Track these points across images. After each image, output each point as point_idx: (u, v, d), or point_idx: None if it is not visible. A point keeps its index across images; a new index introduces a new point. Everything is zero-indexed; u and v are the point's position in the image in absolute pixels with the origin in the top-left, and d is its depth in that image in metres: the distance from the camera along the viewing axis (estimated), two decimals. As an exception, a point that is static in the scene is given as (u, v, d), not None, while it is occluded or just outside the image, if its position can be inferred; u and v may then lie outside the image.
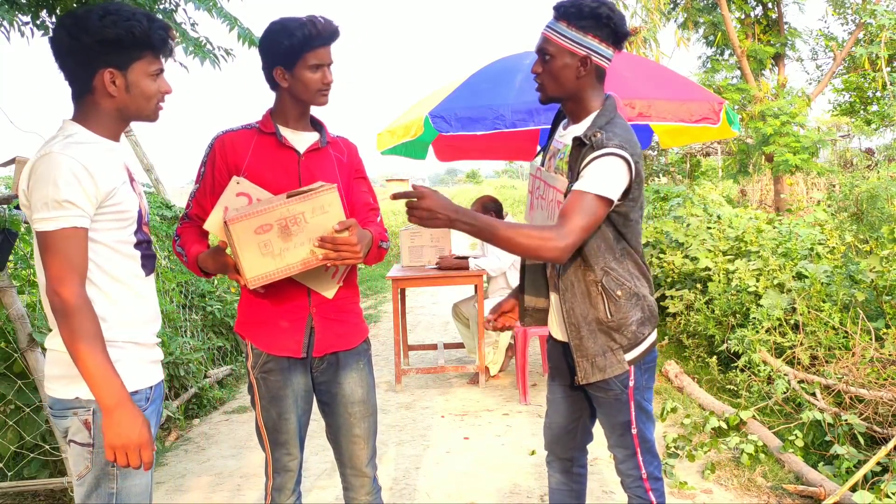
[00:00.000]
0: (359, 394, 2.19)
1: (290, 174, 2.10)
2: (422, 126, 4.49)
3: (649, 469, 2.09)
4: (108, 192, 1.65)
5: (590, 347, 1.99)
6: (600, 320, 1.98)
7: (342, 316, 2.18)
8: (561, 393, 2.21)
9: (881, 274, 4.16)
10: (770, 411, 3.96)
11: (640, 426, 2.06)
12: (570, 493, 2.30)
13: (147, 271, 1.80)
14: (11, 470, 3.40)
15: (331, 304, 2.14)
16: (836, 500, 2.88)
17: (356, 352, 2.21)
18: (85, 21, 1.65)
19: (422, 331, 7.31)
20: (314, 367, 2.18)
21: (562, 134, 2.11)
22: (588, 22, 1.92)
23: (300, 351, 2.12)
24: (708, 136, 5.40)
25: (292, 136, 2.12)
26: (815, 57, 13.27)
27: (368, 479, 2.24)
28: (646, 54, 11.03)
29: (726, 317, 4.97)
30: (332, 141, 2.21)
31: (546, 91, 2.02)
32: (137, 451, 1.62)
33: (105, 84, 1.68)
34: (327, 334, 2.14)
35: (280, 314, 2.12)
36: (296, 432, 2.17)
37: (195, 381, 4.87)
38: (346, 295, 2.18)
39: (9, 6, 3.08)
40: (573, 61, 1.95)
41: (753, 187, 14.17)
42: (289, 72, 2.03)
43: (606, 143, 1.89)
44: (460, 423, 4.44)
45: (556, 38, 1.96)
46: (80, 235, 1.61)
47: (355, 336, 2.21)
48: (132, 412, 1.62)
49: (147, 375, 1.77)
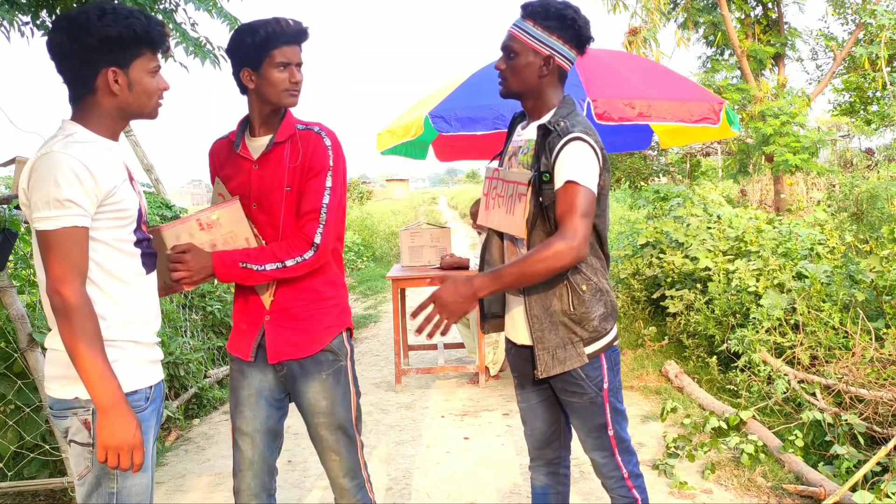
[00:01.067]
0: (322, 405, 2.13)
1: (245, 184, 2.09)
2: (422, 126, 4.49)
3: (629, 467, 2.10)
4: (108, 191, 1.65)
5: (550, 339, 1.99)
6: (564, 311, 1.98)
7: (296, 324, 2.12)
8: (535, 399, 2.20)
9: (881, 274, 4.16)
10: (770, 411, 3.96)
11: (616, 427, 2.07)
12: (557, 496, 2.29)
13: (148, 269, 1.80)
14: (11, 470, 3.40)
15: (285, 311, 2.11)
16: (836, 500, 2.88)
17: (316, 361, 2.13)
18: (84, 21, 1.64)
19: (422, 331, 7.31)
20: (278, 374, 2.16)
21: (520, 133, 2.15)
22: (553, 23, 1.97)
23: (248, 354, 2.13)
24: (708, 136, 5.39)
25: (251, 143, 2.10)
26: (815, 57, 13.28)
27: (346, 491, 2.18)
28: (646, 54, 11.04)
29: (726, 317, 4.97)
30: (292, 137, 2.08)
31: (508, 87, 2.07)
32: (130, 453, 1.63)
33: (108, 83, 1.68)
34: (278, 341, 2.11)
35: (241, 317, 2.18)
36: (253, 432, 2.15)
37: (195, 381, 4.87)
38: (301, 303, 2.12)
39: (9, 6, 3.08)
40: (536, 60, 2.00)
41: (753, 187, 14.18)
42: (255, 72, 2.01)
43: (571, 129, 1.93)
44: (460, 423, 4.44)
45: (522, 35, 2.00)
46: (81, 234, 1.61)
47: (311, 345, 2.13)
48: (127, 414, 1.62)
49: (147, 375, 1.77)
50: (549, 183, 1.94)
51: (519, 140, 2.14)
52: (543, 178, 1.94)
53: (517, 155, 2.11)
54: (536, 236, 1.97)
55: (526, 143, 2.08)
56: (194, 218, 2.03)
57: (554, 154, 1.92)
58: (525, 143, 2.08)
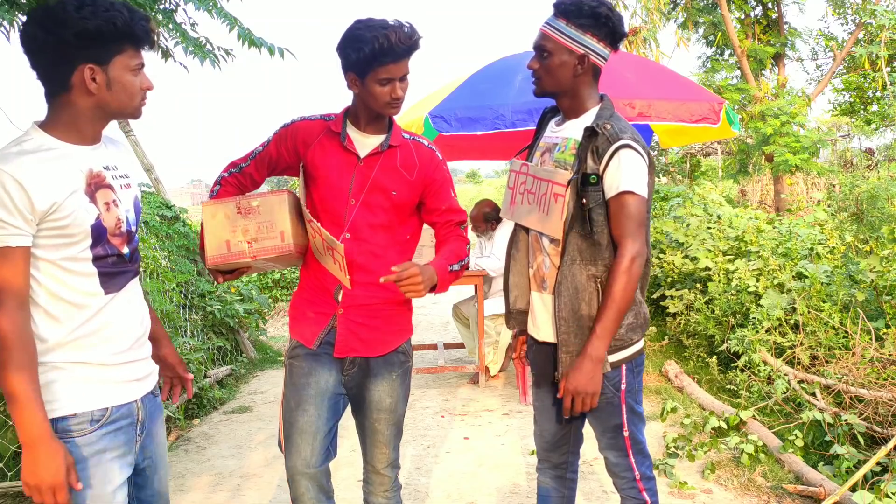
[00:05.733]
0: (386, 403, 2.17)
1: (344, 177, 2.08)
2: (422, 126, 4.49)
3: (642, 469, 2.09)
4: (47, 209, 1.50)
5: (574, 343, 1.98)
6: (590, 316, 1.96)
7: (373, 322, 2.13)
8: (550, 399, 2.18)
9: (881, 274, 4.16)
10: (770, 411, 3.96)
11: (632, 428, 2.06)
12: (561, 500, 2.28)
13: (110, 288, 1.63)
14: (11, 470, 3.40)
15: (362, 308, 2.11)
16: (836, 500, 2.88)
17: (387, 361, 2.16)
18: (60, 13, 1.50)
19: (422, 331, 7.31)
20: (344, 370, 2.15)
21: (554, 130, 2.11)
22: (587, 21, 1.95)
23: (312, 342, 2.12)
24: (708, 136, 5.40)
25: (359, 139, 2.10)
26: (815, 57, 13.28)
27: (388, 478, 2.25)
28: (646, 54, 11.02)
29: (726, 317, 4.97)
30: (403, 145, 2.14)
31: (542, 86, 2.04)
32: (52, 493, 1.51)
33: (84, 81, 1.54)
34: (349, 337, 2.11)
35: (309, 305, 2.16)
36: (313, 430, 2.10)
37: (195, 381, 4.87)
38: (383, 302, 2.13)
39: (9, 6, 3.08)
40: (571, 59, 1.97)
41: (753, 187, 14.17)
42: (360, 80, 2.00)
43: (620, 134, 1.92)
44: (460, 423, 4.44)
45: (556, 35, 1.97)
46: (16, 255, 1.48)
47: (384, 345, 2.15)
48: (49, 451, 1.50)
49: (99, 396, 1.61)
50: (595, 185, 1.93)
51: (553, 137, 2.10)
52: (591, 181, 1.93)
53: (551, 152, 2.08)
54: (572, 238, 1.96)
55: (563, 142, 2.04)
56: (234, 201, 2.02)
57: (605, 160, 1.91)
58: (563, 142, 2.05)
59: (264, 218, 2.00)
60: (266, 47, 3.50)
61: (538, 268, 2.10)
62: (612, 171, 1.91)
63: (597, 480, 3.45)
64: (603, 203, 1.94)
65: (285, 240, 2.02)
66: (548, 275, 2.06)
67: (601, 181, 1.93)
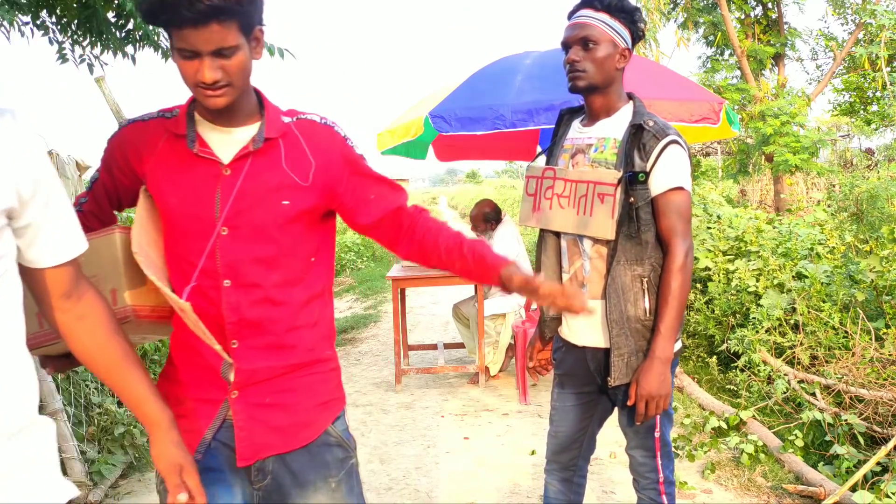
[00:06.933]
0: None
1: (204, 197, 1.39)
2: (422, 126, 4.49)
3: (666, 472, 2.08)
4: None
5: (625, 346, 1.96)
6: (637, 317, 1.96)
7: (284, 399, 1.43)
8: (572, 401, 2.15)
9: (881, 274, 4.16)
10: (770, 411, 3.96)
11: (663, 429, 2.05)
12: (566, 503, 2.27)
13: None
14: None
15: (265, 384, 1.42)
16: (836, 500, 2.88)
17: (317, 460, 1.45)
18: None
19: (422, 331, 7.31)
20: (253, 482, 1.44)
21: (582, 130, 2.07)
22: (625, 16, 1.97)
23: (195, 447, 1.41)
24: (708, 136, 5.40)
25: (216, 137, 1.42)
26: (815, 57, 13.26)
27: None
28: (646, 54, 11.02)
29: (726, 317, 4.97)
30: (286, 133, 1.45)
31: (588, 79, 1.97)
32: None
33: None
34: (255, 430, 1.41)
35: (185, 390, 1.45)
36: None
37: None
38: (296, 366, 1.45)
39: (9, 6, 3.08)
40: (615, 51, 1.97)
41: (753, 187, 14.16)
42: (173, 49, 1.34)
43: (666, 130, 1.93)
44: (460, 423, 4.44)
45: (602, 27, 1.96)
46: None
47: (307, 428, 1.45)
48: None
49: None
50: (643, 183, 1.92)
51: (584, 138, 2.06)
52: (639, 179, 1.92)
53: (584, 153, 2.04)
54: (620, 237, 1.95)
55: (600, 142, 2.01)
56: None
57: (653, 157, 1.91)
58: (598, 142, 2.02)
59: (89, 271, 1.29)
60: (266, 48, 3.51)
61: (576, 273, 2.06)
62: (661, 167, 1.91)
63: (597, 480, 3.45)
64: (649, 201, 1.94)
65: (118, 301, 1.39)
66: (588, 279, 2.02)
67: (647, 178, 1.93)
